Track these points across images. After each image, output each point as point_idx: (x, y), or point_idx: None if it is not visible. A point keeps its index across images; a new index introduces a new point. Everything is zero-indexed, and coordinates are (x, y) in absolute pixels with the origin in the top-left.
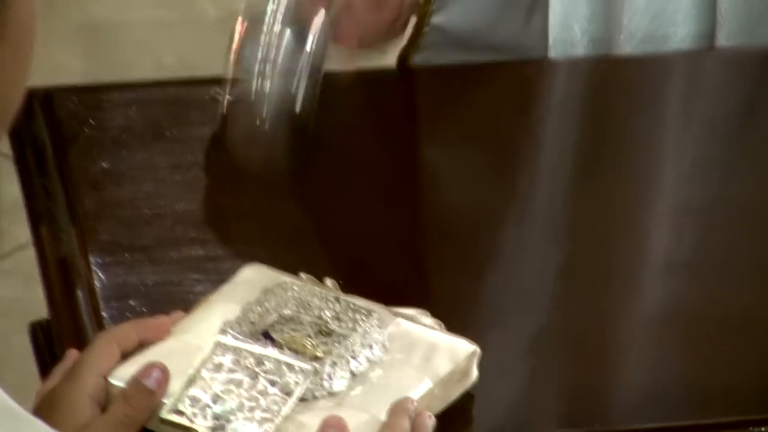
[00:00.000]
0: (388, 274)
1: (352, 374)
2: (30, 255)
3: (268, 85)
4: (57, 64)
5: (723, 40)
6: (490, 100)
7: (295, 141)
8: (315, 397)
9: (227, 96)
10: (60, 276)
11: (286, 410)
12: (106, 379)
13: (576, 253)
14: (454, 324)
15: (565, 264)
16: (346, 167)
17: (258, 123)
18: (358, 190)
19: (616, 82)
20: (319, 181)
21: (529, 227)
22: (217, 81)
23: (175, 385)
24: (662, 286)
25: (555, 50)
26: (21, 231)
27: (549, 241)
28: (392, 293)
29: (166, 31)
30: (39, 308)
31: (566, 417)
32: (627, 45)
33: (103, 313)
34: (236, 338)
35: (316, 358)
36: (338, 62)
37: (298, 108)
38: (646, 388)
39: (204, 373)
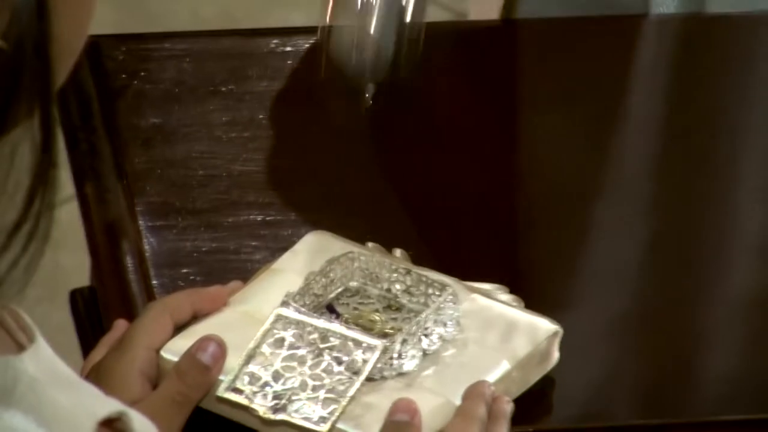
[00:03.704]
0: (463, 245)
1: (424, 353)
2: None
3: None
4: None
5: None
6: (590, 55)
7: (404, 51)
8: (383, 377)
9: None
10: (107, 240)
11: (353, 391)
12: (157, 353)
13: (665, 230)
14: (534, 301)
15: (654, 241)
16: (429, 124)
17: (365, 31)
18: (438, 150)
19: (716, 41)
20: (393, 140)
21: (619, 201)
22: (276, 32)
23: (232, 360)
24: (754, 268)
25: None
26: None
27: (638, 216)
28: (468, 266)
29: None
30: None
31: (650, 405)
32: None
33: (154, 281)
34: (299, 311)
35: (384, 335)
36: None
37: (408, 17)
38: (735, 377)
39: (264, 348)
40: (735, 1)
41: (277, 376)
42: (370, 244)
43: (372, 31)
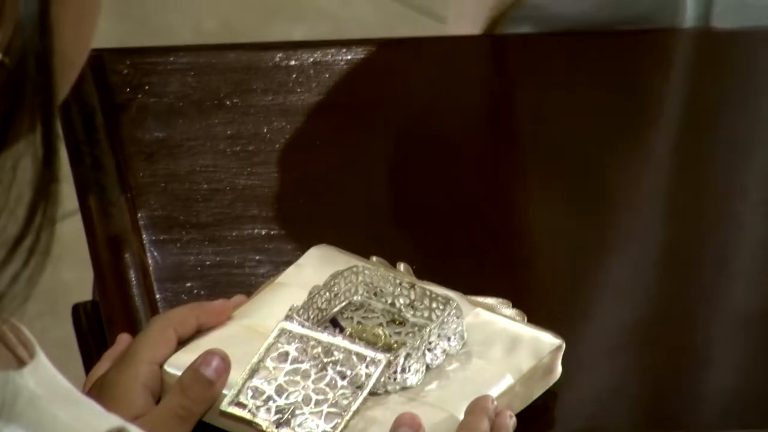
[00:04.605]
0: (467, 260)
1: (428, 367)
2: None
3: None
4: None
5: None
6: (594, 68)
7: None
8: (387, 392)
9: None
10: (110, 254)
11: (356, 405)
12: (160, 367)
13: (668, 243)
14: (537, 315)
15: (658, 254)
16: (432, 138)
17: None
18: (443, 164)
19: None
20: (396, 154)
21: (622, 215)
22: (281, 46)
23: (235, 374)
24: (758, 281)
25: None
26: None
27: (641, 231)
28: (471, 280)
29: None
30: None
31: (653, 419)
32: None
33: (157, 296)
34: (302, 325)
35: (388, 349)
36: None
37: None
38: (737, 390)
39: (268, 362)
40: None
41: (280, 391)
42: (374, 258)
43: None
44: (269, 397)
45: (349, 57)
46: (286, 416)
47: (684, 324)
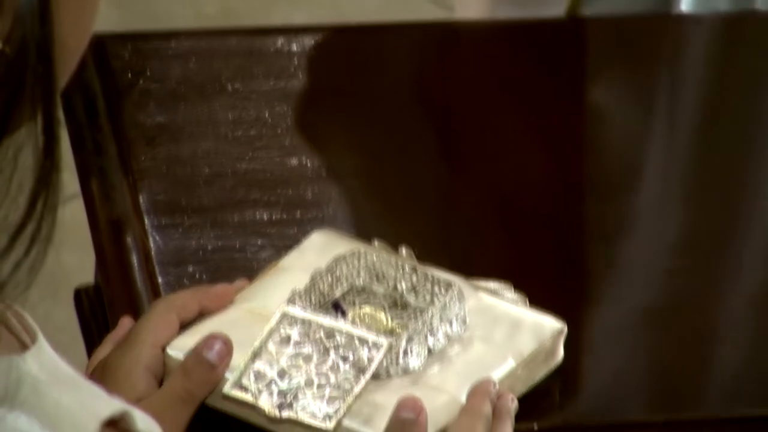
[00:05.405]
0: (468, 243)
1: (430, 351)
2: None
3: None
4: None
5: None
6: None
7: None
8: (389, 375)
9: None
10: (112, 238)
11: (358, 388)
12: (163, 351)
13: (672, 227)
14: (539, 299)
15: (663, 237)
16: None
17: None
18: (445, 148)
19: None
20: (398, 138)
21: (625, 199)
22: (282, 31)
23: (238, 358)
24: (764, 265)
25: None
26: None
27: (644, 214)
28: (473, 264)
29: None
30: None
31: (655, 402)
32: None
33: (159, 280)
34: (305, 309)
35: (390, 333)
36: None
37: None
38: (742, 373)
39: (270, 345)
40: None
41: (282, 374)
42: (376, 243)
43: None
44: (271, 381)
45: (349, 42)
46: (288, 399)
47: (688, 307)
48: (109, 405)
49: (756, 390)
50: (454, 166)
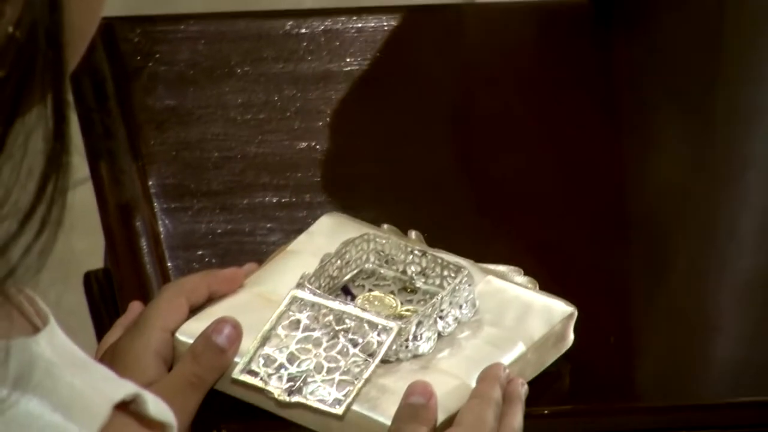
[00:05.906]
0: (478, 227)
1: (439, 335)
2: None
3: None
4: None
5: None
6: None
7: None
8: (399, 359)
9: None
10: (121, 222)
11: (368, 373)
12: (172, 335)
13: (678, 213)
14: (549, 283)
15: (670, 222)
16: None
17: None
18: (455, 132)
19: None
20: (408, 122)
21: (631, 184)
22: (291, 14)
23: (247, 342)
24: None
25: None
26: None
27: (651, 198)
28: (482, 248)
29: None
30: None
31: (664, 387)
32: None
33: (169, 264)
34: (314, 293)
35: (400, 317)
36: None
37: None
38: (753, 360)
39: (279, 330)
40: None
41: (292, 359)
42: (385, 226)
43: None
44: (281, 365)
45: (359, 25)
46: (297, 384)
47: (697, 293)
48: (121, 387)
49: (763, 377)
50: (465, 151)
